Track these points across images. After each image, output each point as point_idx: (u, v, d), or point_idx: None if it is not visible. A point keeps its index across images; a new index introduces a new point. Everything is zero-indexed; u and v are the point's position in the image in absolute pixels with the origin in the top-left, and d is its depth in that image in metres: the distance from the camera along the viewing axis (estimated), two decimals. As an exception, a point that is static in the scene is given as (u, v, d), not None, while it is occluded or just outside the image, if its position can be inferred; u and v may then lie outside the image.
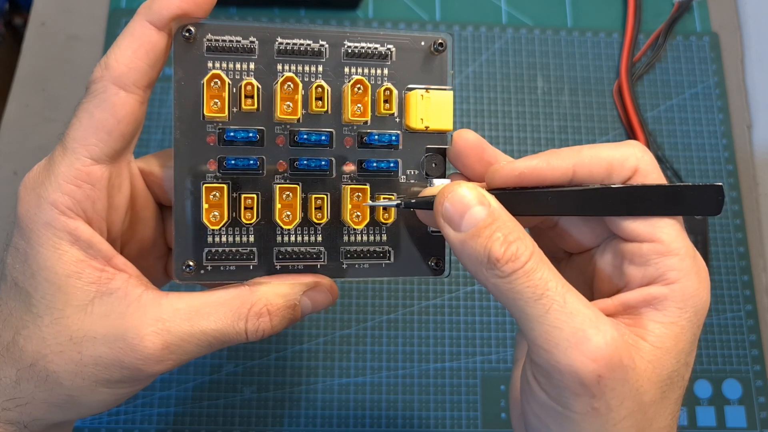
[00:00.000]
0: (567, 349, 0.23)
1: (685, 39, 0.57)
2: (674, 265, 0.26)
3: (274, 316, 0.29)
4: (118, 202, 0.29)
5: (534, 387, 0.25)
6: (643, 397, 0.25)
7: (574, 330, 0.23)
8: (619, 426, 0.24)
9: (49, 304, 0.27)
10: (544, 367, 0.24)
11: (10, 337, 0.27)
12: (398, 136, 0.31)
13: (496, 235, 0.24)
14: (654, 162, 0.27)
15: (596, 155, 0.27)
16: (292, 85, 0.29)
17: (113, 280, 0.27)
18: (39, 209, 0.27)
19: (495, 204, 0.25)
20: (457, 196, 0.25)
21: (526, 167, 0.27)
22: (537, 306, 0.24)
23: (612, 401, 0.24)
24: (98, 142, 0.27)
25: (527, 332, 0.24)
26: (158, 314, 0.27)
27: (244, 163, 0.29)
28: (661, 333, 0.25)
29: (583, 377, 0.23)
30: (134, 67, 0.27)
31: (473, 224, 0.25)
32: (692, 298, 0.26)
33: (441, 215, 0.26)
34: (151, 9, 0.27)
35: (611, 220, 0.27)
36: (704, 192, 0.27)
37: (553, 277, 0.24)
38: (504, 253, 0.24)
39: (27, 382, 0.27)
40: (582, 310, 0.24)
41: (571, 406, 0.24)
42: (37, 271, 0.27)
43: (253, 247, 0.30)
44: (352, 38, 0.30)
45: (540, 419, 0.26)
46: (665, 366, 0.25)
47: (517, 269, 0.24)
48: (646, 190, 0.26)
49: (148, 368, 0.27)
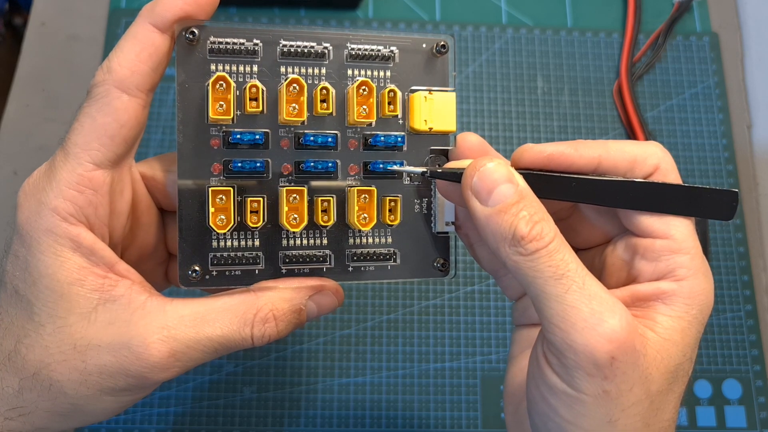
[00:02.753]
0: (584, 329, 0.24)
1: (685, 39, 0.57)
2: (685, 262, 0.26)
3: (280, 322, 0.28)
4: (120, 208, 0.29)
5: (545, 369, 0.26)
6: (651, 385, 0.25)
7: (591, 311, 0.24)
8: (627, 412, 0.25)
9: (51, 312, 0.27)
10: (559, 347, 0.24)
11: (11, 346, 0.27)
12: (403, 137, 0.31)
13: (522, 214, 0.25)
14: (673, 163, 0.28)
15: (621, 149, 0.27)
16: (298, 87, 0.29)
17: (116, 287, 0.27)
18: (40, 216, 0.26)
19: (522, 184, 0.26)
20: (487, 171, 0.26)
21: (554, 151, 0.27)
22: (557, 285, 0.24)
23: (622, 385, 0.24)
24: (101, 147, 0.27)
25: (544, 310, 0.25)
26: (163, 321, 0.27)
27: (251, 166, 0.29)
28: (669, 326, 0.26)
29: (597, 357, 0.24)
30: (137, 71, 0.27)
31: (500, 200, 0.25)
32: (699, 296, 0.26)
33: (470, 187, 0.26)
34: (154, 11, 0.27)
35: (626, 214, 0.28)
36: (720, 196, 0.28)
37: (574, 259, 0.25)
38: (529, 231, 0.24)
39: (30, 391, 0.27)
40: (600, 294, 0.25)
41: (582, 388, 0.24)
42: (38, 278, 0.26)
43: (258, 252, 0.30)
44: (355, 40, 0.30)
45: (548, 404, 0.26)
46: (672, 357, 0.26)
47: (540, 248, 0.24)
48: (667, 188, 0.27)
49: (154, 376, 0.27)
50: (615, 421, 0.25)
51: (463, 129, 0.53)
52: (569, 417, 0.25)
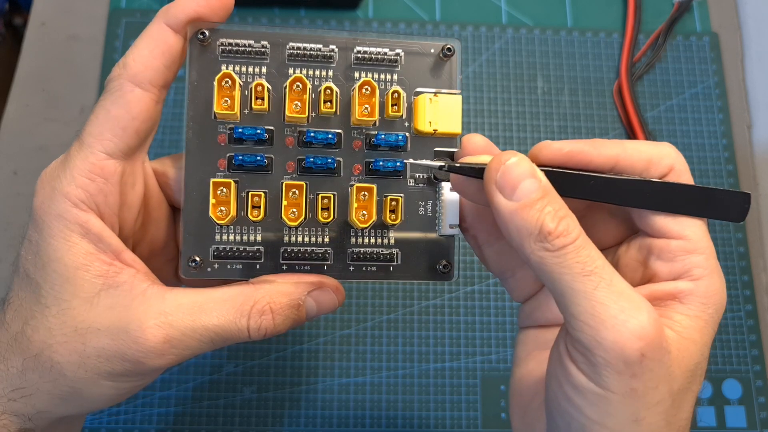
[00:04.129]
0: (614, 326, 0.24)
1: (685, 39, 0.57)
2: (700, 263, 0.27)
3: (277, 315, 0.29)
4: (131, 200, 0.30)
5: (569, 368, 0.25)
6: (674, 384, 0.25)
7: (621, 308, 0.24)
8: (653, 411, 0.25)
9: (57, 295, 0.27)
10: (587, 344, 0.24)
11: (19, 327, 0.28)
12: (405, 136, 0.31)
13: (548, 209, 0.25)
14: (686, 164, 0.28)
15: (638, 149, 0.27)
16: (301, 85, 0.30)
17: (120, 274, 0.28)
18: (52, 201, 0.27)
19: (545, 180, 0.26)
20: (511, 165, 0.26)
21: (573, 148, 0.27)
22: (586, 282, 0.24)
23: (649, 383, 0.24)
24: (113, 137, 0.28)
25: (571, 307, 0.24)
26: (161, 308, 0.27)
27: (251, 160, 0.30)
28: (688, 325, 0.26)
29: (627, 354, 0.24)
30: (150, 66, 0.28)
31: (525, 196, 0.25)
32: (714, 296, 0.26)
33: (494, 182, 0.26)
34: (169, 12, 0.29)
35: (640, 215, 0.28)
36: (734, 198, 0.28)
37: (600, 256, 0.25)
38: (556, 227, 0.24)
39: (32, 372, 0.28)
40: (627, 291, 0.24)
41: (610, 385, 0.24)
42: (47, 262, 0.27)
43: (260, 246, 0.30)
44: (362, 44, 0.31)
45: (573, 403, 0.25)
46: (693, 356, 0.26)
47: (567, 244, 0.24)
48: (682, 188, 0.27)
49: (150, 361, 0.27)
50: (641, 419, 0.24)
51: (464, 129, 0.53)
52: (595, 416, 0.25)
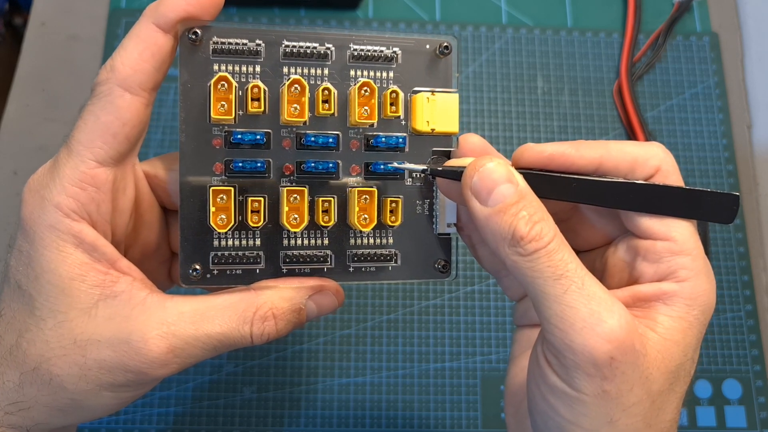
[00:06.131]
0: (582, 329, 0.24)
1: (685, 39, 0.57)
2: (686, 264, 0.26)
3: (279, 320, 0.28)
4: (123, 205, 0.29)
5: (545, 369, 0.26)
6: (652, 385, 0.25)
7: (590, 311, 0.24)
8: (629, 412, 0.25)
9: (53, 307, 0.27)
10: (558, 347, 0.24)
11: (13, 340, 0.27)
12: (405, 138, 0.31)
13: (522, 214, 0.25)
14: (675, 164, 0.28)
15: (622, 150, 0.27)
16: (299, 88, 0.29)
17: (117, 283, 0.27)
18: (43, 211, 0.27)
19: (522, 183, 0.26)
20: (487, 170, 0.26)
21: (555, 150, 0.27)
22: (556, 286, 0.24)
23: (622, 385, 0.24)
24: (103, 144, 0.27)
25: (543, 310, 0.25)
26: (163, 317, 0.27)
27: (252, 166, 0.29)
28: (670, 326, 0.26)
29: (596, 357, 0.24)
30: (140, 70, 0.27)
31: (500, 200, 0.25)
32: (700, 297, 0.26)
33: (469, 187, 0.26)
34: (158, 11, 0.27)
35: (627, 216, 0.28)
36: (721, 199, 0.28)
37: (573, 260, 0.25)
38: (528, 232, 0.24)
39: (30, 386, 0.27)
40: (599, 294, 0.25)
41: (582, 388, 0.24)
42: (40, 273, 0.27)
43: (259, 251, 0.30)
44: (357, 41, 0.30)
45: (549, 404, 0.26)
46: (673, 357, 0.26)
47: (539, 249, 0.24)
48: (668, 190, 0.27)
49: (153, 372, 0.27)
50: (616, 421, 0.25)
51: (463, 129, 0.53)
52: (570, 417, 0.25)
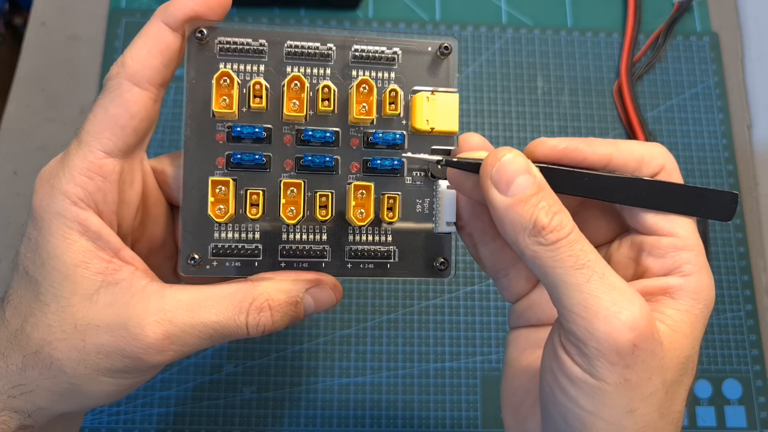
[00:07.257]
0: (606, 318, 0.24)
1: (685, 39, 0.57)
2: (690, 259, 0.27)
3: (275, 312, 0.29)
4: (130, 198, 0.30)
5: (564, 360, 0.26)
6: (666, 375, 0.25)
7: (613, 300, 0.24)
8: (647, 401, 0.25)
9: (57, 292, 0.28)
10: (580, 336, 0.25)
11: (18, 324, 0.28)
12: (402, 135, 0.31)
13: (542, 204, 0.25)
14: (676, 164, 0.29)
15: (630, 148, 0.28)
16: (299, 84, 0.30)
17: (119, 271, 0.28)
18: (51, 199, 0.28)
19: (540, 176, 0.26)
20: (506, 161, 0.26)
21: (569, 145, 0.28)
22: (578, 275, 0.25)
23: (643, 373, 0.25)
24: (111, 135, 0.28)
25: (564, 300, 0.25)
26: (161, 305, 0.28)
27: (250, 158, 0.30)
28: (678, 318, 0.26)
29: (620, 345, 0.24)
30: (148, 65, 0.28)
31: (520, 191, 0.25)
32: (704, 291, 0.27)
33: (489, 177, 0.26)
34: (167, 11, 0.29)
35: (632, 213, 0.28)
36: (722, 198, 0.28)
37: (592, 250, 0.25)
38: (549, 222, 0.25)
39: (32, 369, 0.28)
40: (619, 284, 0.25)
41: (604, 376, 0.25)
42: (46, 259, 0.28)
43: (258, 244, 0.31)
44: (359, 42, 0.31)
45: (569, 396, 0.26)
46: (684, 349, 0.26)
47: (561, 238, 0.25)
48: (672, 187, 0.28)
49: (149, 358, 0.27)
50: (635, 410, 0.25)
51: (463, 129, 0.53)
52: (590, 407, 0.25)
